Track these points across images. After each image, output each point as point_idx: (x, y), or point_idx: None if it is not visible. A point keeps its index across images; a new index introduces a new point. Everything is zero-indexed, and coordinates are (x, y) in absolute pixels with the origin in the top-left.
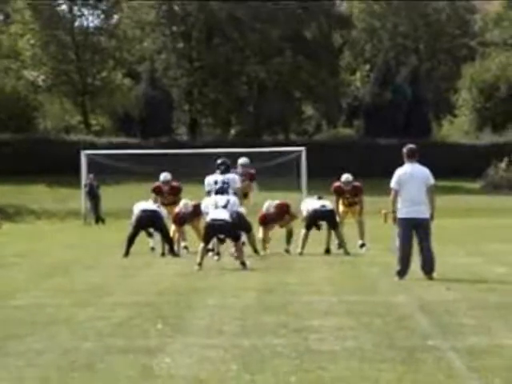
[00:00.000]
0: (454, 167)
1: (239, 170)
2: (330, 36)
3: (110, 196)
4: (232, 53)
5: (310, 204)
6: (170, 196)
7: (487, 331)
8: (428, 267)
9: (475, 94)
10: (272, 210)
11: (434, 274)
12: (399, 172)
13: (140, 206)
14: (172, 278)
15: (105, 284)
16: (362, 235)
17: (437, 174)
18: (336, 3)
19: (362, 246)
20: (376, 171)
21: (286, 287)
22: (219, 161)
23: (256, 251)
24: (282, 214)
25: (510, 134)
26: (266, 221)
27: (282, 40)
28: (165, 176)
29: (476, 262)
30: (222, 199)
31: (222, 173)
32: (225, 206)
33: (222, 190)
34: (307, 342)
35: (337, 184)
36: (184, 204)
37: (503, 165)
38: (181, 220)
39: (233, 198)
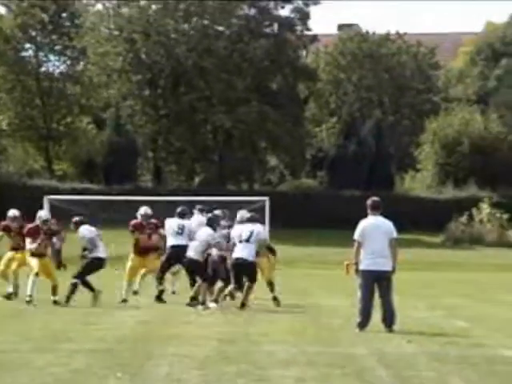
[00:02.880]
0: (416, 221)
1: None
2: (295, 87)
3: (72, 242)
4: (197, 101)
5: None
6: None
7: None
8: (389, 320)
9: (438, 149)
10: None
11: (395, 327)
12: (363, 224)
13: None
14: (132, 326)
15: (64, 330)
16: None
17: (399, 227)
18: (302, 55)
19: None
20: (339, 222)
21: (247, 337)
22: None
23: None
24: None
25: (472, 189)
26: None
27: (248, 90)
28: (145, 210)
29: (436, 316)
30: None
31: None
32: (247, 240)
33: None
34: None
35: None
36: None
37: (464, 219)
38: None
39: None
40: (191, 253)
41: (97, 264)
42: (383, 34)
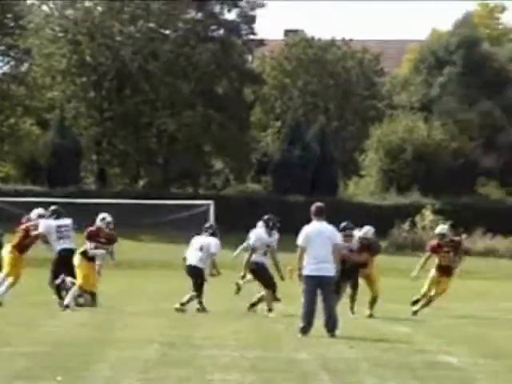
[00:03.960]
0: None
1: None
2: (241, 91)
3: None
4: (142, 104)
5: None
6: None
7: None
8: (331, 325)
9: (382, 155)
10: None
11: (337, 332)
12: (306, 229)
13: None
14: (74, 329)
15: (4, 333)
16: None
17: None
18: (248, 60)
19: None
20: (284, 228)
21: (190, 341)
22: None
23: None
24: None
25: (414, 195)
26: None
27: (194, 94)
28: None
29: (378, 322)
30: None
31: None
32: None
33: None
34: None
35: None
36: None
37: (406, 226)
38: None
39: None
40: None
41: None
42: (329, 39)
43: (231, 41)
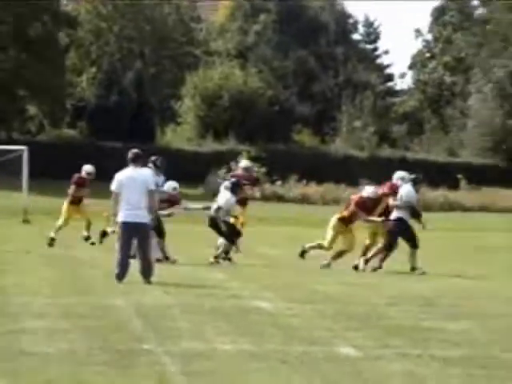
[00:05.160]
0: (177, 173)
1: (240, 172)
2: (55, 35)
3: None
4: None
5: None
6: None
7: (201, 335)
8: (146, 271)
9: (198, 102)
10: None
11: (153, 278)
12: (120, 175)
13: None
14: None
15: None
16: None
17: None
18: (62, 2)
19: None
20: (100, 174)
21: (1, 288)
22: None
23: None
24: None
25: (231, 142)
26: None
27: (5, 37)
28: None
29: (195, 269)
30: None
31: None
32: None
33: None
34: (20, 344)
35: None
36: None
37: (222, 173)
38: None
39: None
40: None
41: None
42: None
43: None
